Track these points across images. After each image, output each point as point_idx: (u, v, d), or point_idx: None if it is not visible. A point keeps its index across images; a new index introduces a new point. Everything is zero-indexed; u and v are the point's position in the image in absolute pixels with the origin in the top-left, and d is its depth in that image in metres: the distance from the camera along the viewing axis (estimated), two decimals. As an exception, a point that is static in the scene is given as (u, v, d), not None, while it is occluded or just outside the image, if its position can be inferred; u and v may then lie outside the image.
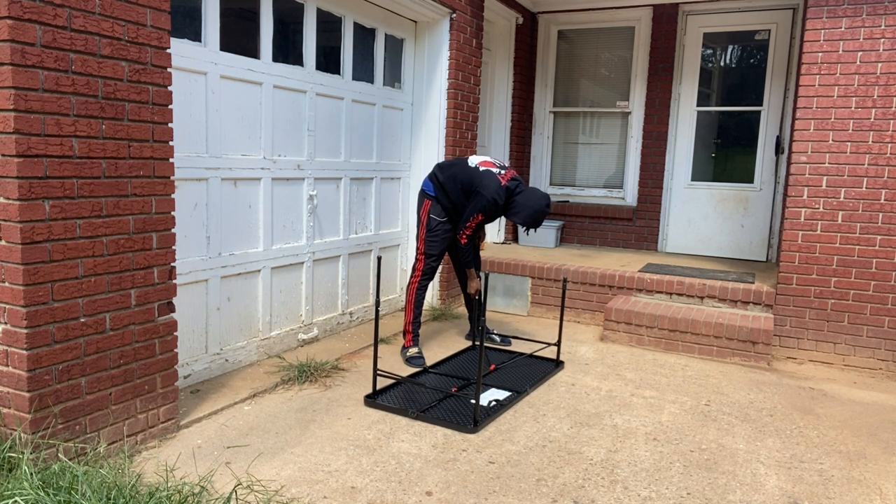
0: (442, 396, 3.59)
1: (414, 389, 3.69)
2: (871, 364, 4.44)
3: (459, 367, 4.13)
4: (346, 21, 4.56)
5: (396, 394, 3.62)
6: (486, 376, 3.96)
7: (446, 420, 3.27)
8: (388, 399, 3.53)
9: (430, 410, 3.39)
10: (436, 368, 4.07)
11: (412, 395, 3.61)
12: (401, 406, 3.42)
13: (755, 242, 6.17)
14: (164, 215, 2.90)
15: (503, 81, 6.54)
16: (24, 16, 2.31)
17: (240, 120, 3.78)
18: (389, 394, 3.61)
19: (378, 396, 3.54)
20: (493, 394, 3.67)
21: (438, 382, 3.83)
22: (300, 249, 4.34)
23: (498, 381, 3.87)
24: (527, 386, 3.78)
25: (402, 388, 3.71)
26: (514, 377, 3.97)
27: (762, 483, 2.83)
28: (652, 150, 6.44)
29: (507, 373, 4.04)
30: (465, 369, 4.10)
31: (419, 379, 3.88)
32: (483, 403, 3.49)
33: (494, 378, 3.94)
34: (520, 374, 4.02)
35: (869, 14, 4.22)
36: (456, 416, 3.33)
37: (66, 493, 2.20)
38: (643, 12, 6.35)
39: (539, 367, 4.18)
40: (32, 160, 2.39)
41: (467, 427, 3.20)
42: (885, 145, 4.27)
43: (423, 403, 3.49)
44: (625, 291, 5.21)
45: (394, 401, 3.50)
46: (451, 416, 3.33)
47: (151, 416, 2.95)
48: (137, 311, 2.83)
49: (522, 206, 4.02)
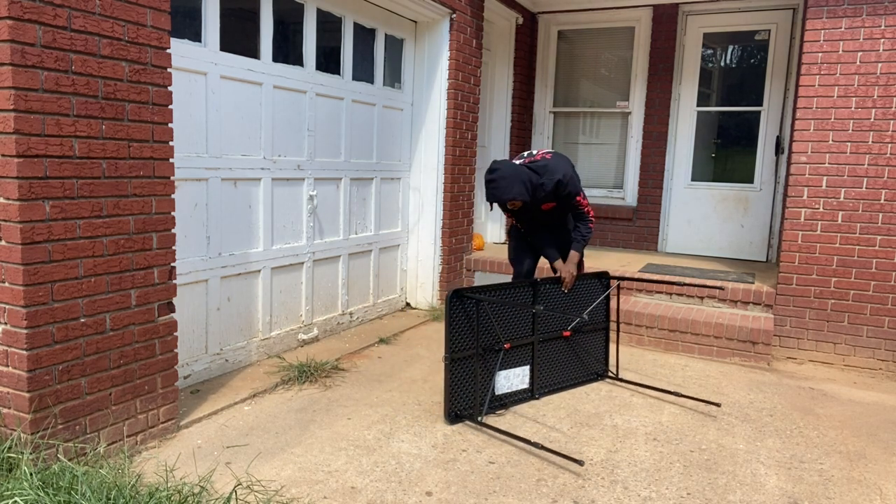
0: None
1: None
2: (871, 364, 4.44)
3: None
4: (346, 21, 4.56)
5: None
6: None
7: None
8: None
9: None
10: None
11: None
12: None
13: (755, 242, 6.17)
14: (164, 215, 2.90)
15: (503, 81, 6.54)
16: (24, 16, 2.31)
17: (240, 120, 3.78)
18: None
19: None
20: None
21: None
22: (300, 249, 4.34)
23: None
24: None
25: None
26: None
27: (762, 483, 2.83)
28: (652, 151, 6.44)
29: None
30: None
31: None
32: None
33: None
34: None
35: (869, 14, 4.22)
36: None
37: (65, 494, 2.20)
38: (643, 12, 6.35)
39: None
40: (32, 160, 2.39)
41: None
42: (885, 145, 4.27)
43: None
44: (625, 291, 5.21)
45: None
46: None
47: (151, 416, 2.95)
48: (137, 312, 2.83)
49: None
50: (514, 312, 3.52)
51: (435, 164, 5.34)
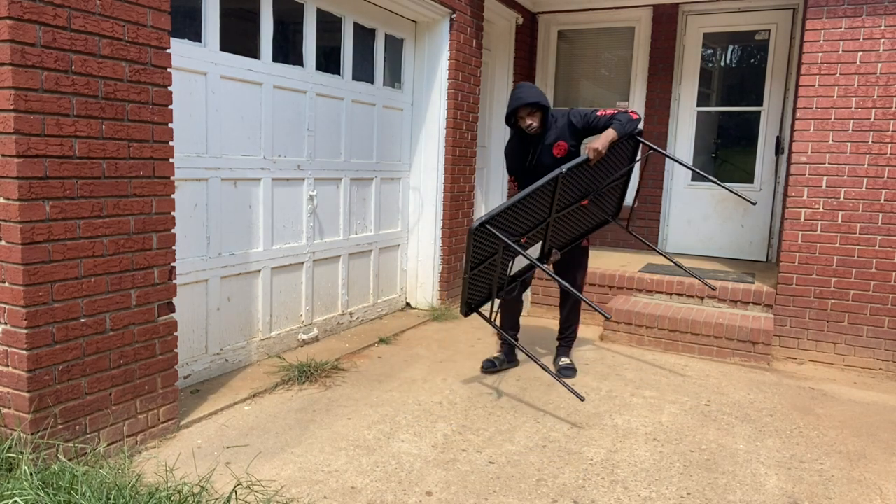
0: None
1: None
2: (871, 364, 4.44)
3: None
4: (346, 21, 4.56)
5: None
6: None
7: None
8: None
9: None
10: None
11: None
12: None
13: (755, 242, 6.17)
14: (164, 215, 2.90)
15: (503, 81, 6.54)
16: (24, 16, 2.31)
17: (240, 120, 3.78)
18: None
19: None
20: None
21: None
22: (300, 249, 4.34)
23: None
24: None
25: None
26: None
27: (762, 483, 2.83)
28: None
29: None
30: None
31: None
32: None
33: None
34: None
35: (869, 14, 4.22)
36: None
37: (65, 494, 2.20)
38: (643, 12, 6.35)
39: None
40: (32, 160, 2.39)
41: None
42: (885, 145, 4.27)
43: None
44: (625, 291, 5.21)
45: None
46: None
47: (151, 416, 2.95)
48: (137, 312, 2.83)
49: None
50: (531, 210, 3.45)
51: (435, 164, 5.34)
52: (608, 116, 3.66)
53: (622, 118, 3.60)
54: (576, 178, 3.55)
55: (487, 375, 4.02)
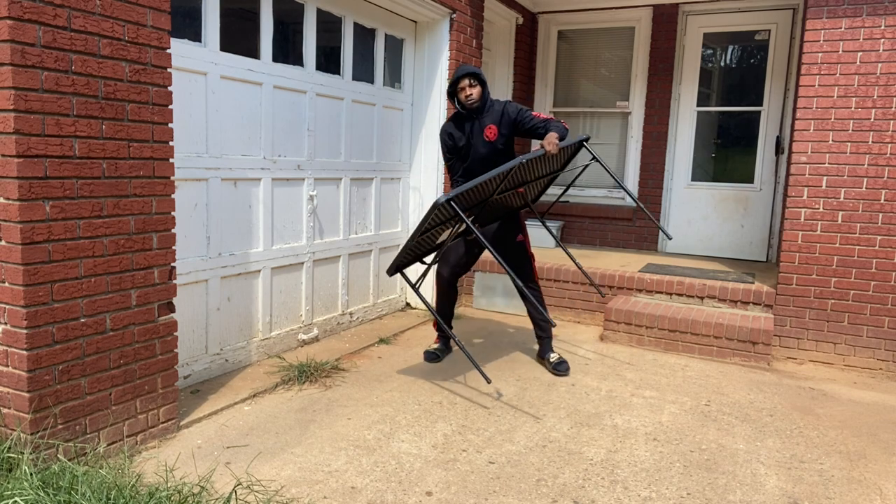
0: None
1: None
2: (871, 364, 4.44)
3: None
4: (346, 21, 4.56)
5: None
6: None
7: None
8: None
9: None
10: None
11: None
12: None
13: (755, 242, 6.17)
14: (164, 215, 2.90)
15: (503, 81, 6.54)
16: (24, 16, 2.31)
17: (240, 120, 3.78)
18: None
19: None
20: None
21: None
22: (300, 249, 4.34)
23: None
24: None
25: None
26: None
27: (762, 483, 2.83)
28: (652, 151, 6.44)
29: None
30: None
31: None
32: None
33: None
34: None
35: (869, 14, 4.22)
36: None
37: (65, 494, 2.20)
38: (643, 12, 6.35)
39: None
40: (32, 160, 2.39)
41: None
42: (885, 145, 4.27)
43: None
44: (625, 292, 5.21)
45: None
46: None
47: (151, 416, 2.95)
48: (138, 312, 2.83)
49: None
50: (482, 190, 3.61)
51: (435, 164, 5.34)
52: (543, 119, 3.87)
53: (559, 126, 3.81)
54: (525, 169, 3.81)
55: (488, 376, 4.02)
